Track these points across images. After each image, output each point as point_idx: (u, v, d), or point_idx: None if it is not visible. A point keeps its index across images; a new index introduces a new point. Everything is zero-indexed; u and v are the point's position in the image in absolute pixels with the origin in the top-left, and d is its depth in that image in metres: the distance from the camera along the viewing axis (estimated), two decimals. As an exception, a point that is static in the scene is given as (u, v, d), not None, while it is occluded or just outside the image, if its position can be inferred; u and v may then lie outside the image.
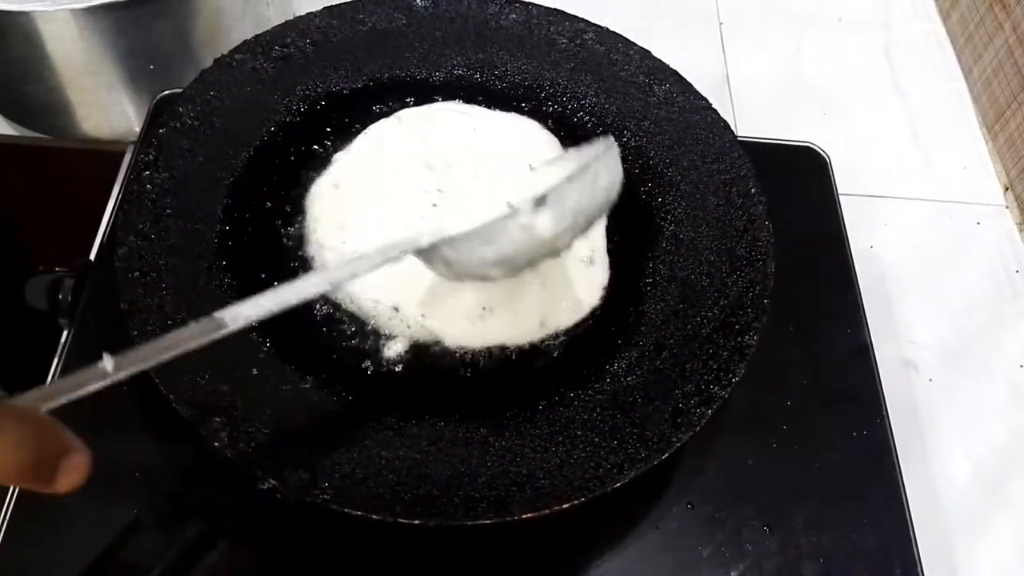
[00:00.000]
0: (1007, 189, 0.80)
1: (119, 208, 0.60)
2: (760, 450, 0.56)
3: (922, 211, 0.78)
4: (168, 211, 0.55)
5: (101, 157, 0.73)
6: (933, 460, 0.63)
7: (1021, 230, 0.77)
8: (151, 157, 0.57)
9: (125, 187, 0.63)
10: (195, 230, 0.56)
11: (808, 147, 0.71)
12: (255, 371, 0.50)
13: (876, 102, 0.86)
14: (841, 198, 0.68)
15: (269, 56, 0.64)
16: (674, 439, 0.48)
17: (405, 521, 0.44)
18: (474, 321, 0.53)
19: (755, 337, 0.52)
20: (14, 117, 0.76)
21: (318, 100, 0.64)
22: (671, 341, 0.54)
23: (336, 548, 0.50)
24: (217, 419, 0.46)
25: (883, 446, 0.56)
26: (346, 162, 0.61)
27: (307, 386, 0.51)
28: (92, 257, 0.61)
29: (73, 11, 0.63)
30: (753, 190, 0.59)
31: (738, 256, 0.57)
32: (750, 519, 0.53)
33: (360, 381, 0.52)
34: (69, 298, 0.57)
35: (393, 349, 0.54)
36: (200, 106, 0.60)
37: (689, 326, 0.54)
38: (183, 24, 0.69)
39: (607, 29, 0.68)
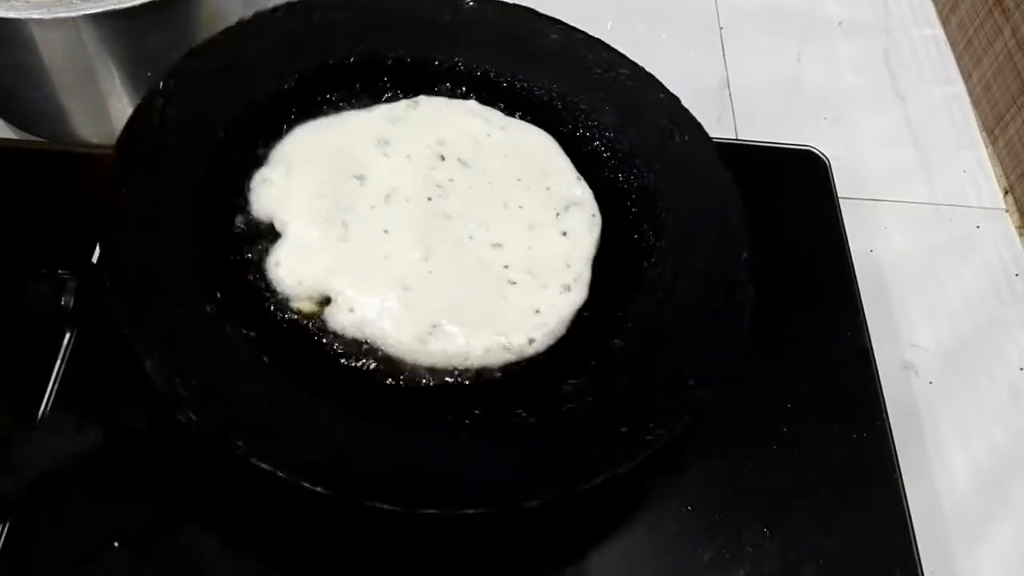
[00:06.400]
0: (1007, 193, 0.80)
1: (105, 212, 0.59)
2: (760, 452, 0.56)
3: (922, 215, 0.78)
4: (157, 213, 0.55)
5: (102, 161, 0.73)
6: (933, 463, 0.63)
7: (1021, 234, 0.77)
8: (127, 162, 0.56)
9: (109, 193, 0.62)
10: (187, 229, 0.55)
11: (808, 151, 0.71)
12: (255, 375, 0.50)
13: (876, 106, 0.86)
14: (841, 201, 0.68)
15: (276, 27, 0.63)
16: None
17: (390, 508, 0.43)
18: (424, 340, 0.52)
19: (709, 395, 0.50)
20: (14, 122, 0.76)
21: (341, 63, 0.63)
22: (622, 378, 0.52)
23: (336, 548, 0.50)
24: (185, 393, 0.45)
25: (883, 449, 0.56)
26: None
27: (307, 386, 0.51)
28: (93, 260, 0.61)
29: (69, 19, 0.62)
30: (742, 277, 0.55)
31: (714, 313, 0.54)
32: (750, 522, 0.53)
33: (345, 373, 0.52)
34: (71, 302, 0.57)
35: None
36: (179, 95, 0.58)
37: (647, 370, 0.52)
38: (181, 31, 0.69)
39: (643, 69, 0.65)
